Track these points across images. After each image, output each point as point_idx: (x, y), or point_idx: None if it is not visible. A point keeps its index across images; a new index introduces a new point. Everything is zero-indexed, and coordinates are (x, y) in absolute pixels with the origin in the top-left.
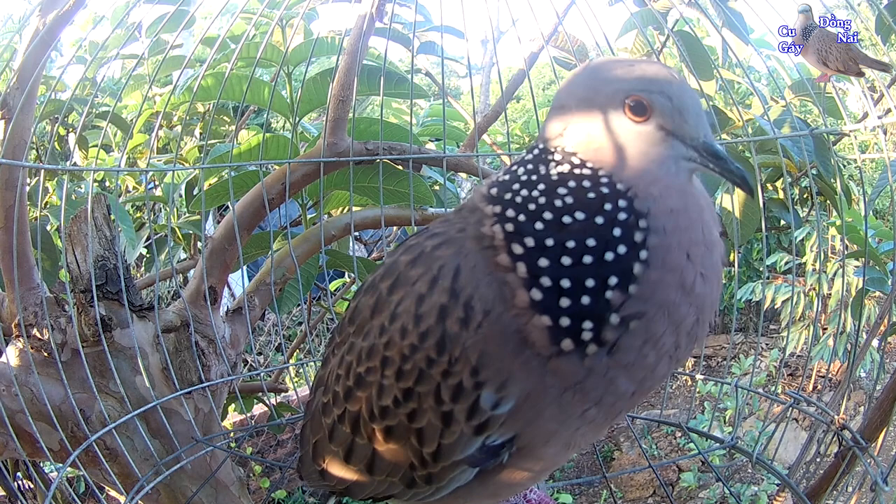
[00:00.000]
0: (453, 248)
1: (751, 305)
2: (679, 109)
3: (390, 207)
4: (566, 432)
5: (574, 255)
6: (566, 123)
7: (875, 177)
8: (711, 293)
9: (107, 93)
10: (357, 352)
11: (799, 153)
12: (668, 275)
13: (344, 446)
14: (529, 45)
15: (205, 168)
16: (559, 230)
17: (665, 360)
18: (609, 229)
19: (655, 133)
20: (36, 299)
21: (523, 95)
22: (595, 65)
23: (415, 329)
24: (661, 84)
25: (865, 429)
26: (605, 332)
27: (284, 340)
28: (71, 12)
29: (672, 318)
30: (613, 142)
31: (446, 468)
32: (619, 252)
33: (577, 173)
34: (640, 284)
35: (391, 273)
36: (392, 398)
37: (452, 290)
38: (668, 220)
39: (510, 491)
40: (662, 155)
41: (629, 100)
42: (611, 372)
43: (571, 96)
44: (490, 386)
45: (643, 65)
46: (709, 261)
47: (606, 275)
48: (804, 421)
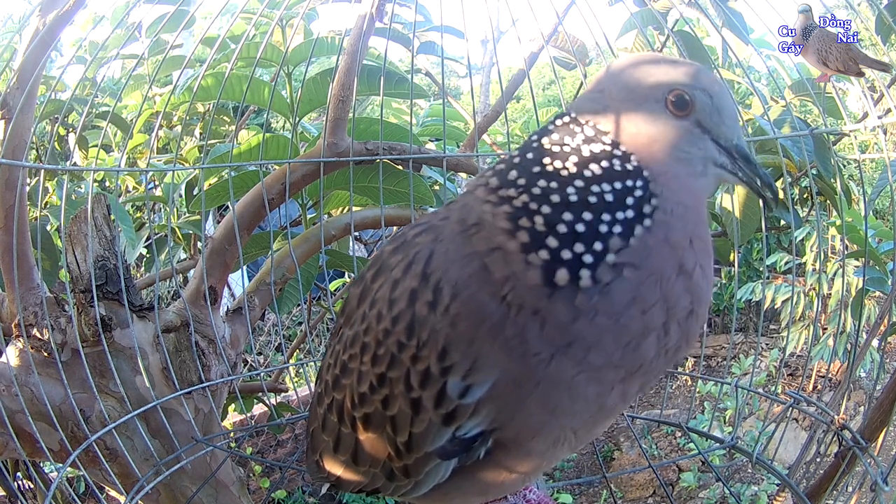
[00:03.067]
0: (432, 234)
1: (751, 305)
2: (718, 109)
3: (390, 207)
4: (555, 423)
5: (593, 210)
6: (604, 106)
7: (875, 177)
8: (707, 291)
9: (107, 93)
10: (344, 341)
11: (799, 153)
12: (667, 248)
13: (333, 436)
14: (529, 45)
15: (205, 168)
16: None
17: (653, 340)
18: (624, 195)
19: (692, 129)
20: (36, 299)
21: (523, 95)
22: (640, 57)
23: (388, 314)
24: (704, 82)
25: (865, 429)
26: (601, 270)
27: (284, 340)
28: (71, 12)
29: (664, 292)
30: (649, 130)
31: (419, 460)
32: (628, 215)
33: (609, 151)
34: (639, 241)
35: (376, 263)
36: (368, 384)
37: (423, 273)
38: (676, 207)
39: (499, 490)
40: (693, 154)
41: (672, 94)
42: (598, 318)
43: (613, 82)
44: (457, 371)
45: (687, 63)
46: (706, 261)
47: (613, 224)
48: (804, 421)
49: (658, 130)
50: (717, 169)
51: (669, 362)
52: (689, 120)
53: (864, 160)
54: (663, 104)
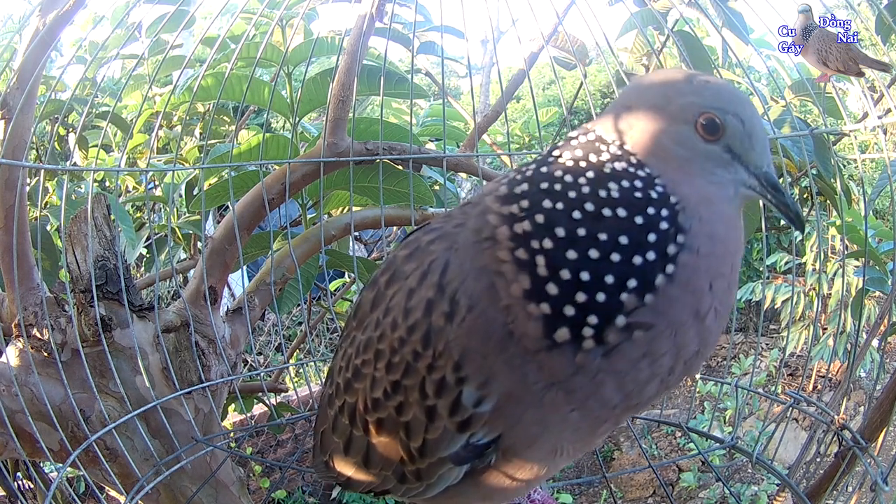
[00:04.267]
0: (447, 242)
1: (751, 305)
2: (749, 135)
3: (390, 207)
4: (549, 437)
5: (602, 250)
6: (630, 124)
7: (875, 177)
8: (718, 330)
9: (107, 93)
10: (357, 345)
11: (799, 153)
12: (688, 296)
13: (344, 438)
14: (529, 45)
15: (205, 168)
16: (595, 221)
17: (656, 382)
18: (645, 233)
19: (722, 154)
20: (36, 299)
21: (523, 95)
22: (669, 74)
23: (404, 322)
24: (736, 105)
25: (865, 429)
26: (608, 333)
27: (284, 340)
28: (71, 12)
29: (676, 342)
30: (678, 153)
31: (433, 464)
32: (648, 258)
33: (633, 172)
34: (657, 296)
35: (390, 268)
36: (382, 390)
37: (440, 284)
38: (705, 243)
39: (503, 495)
40: (725, 178)
41: (702, 117)
42: (600, 375)
43: (641, 99)
44: (472, 382)
45: (719, 83)
46: (726, 298)
47: (627, 276)
48: (804, 421)
49: (686, 154)
50: (746, 190)
51: (669, 390)
52: (718, 145)
53: (864, 160)
54: (692, 126)
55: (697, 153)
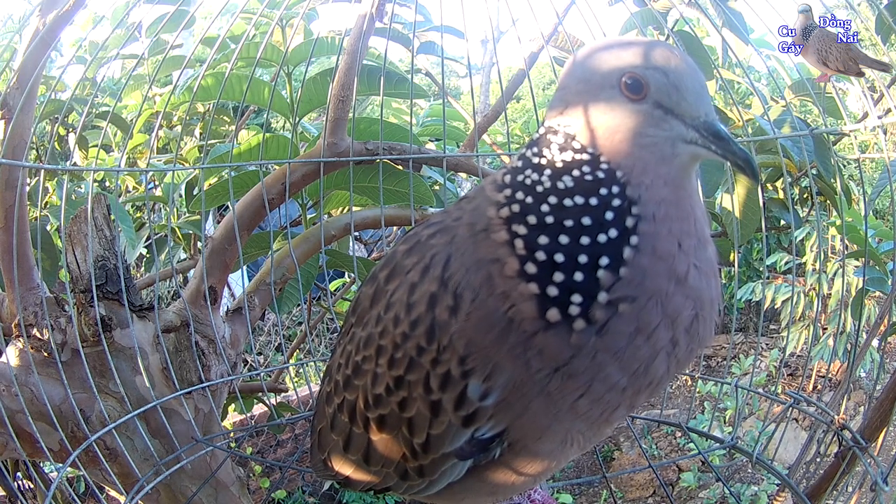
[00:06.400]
0: (447, 236)
1: (751, 305)
2: (676, 86)
3: (390, 207)
4: (559, 427)
5: (571, 234)
6: (566, 104)
7: (875, 177)
8: (709, 288)
9: (107, 93)
10: (356, 341)
11: (799, 153)
12: (659, 262)
13: (343, 435)
14: (529, 45)
15: (205, 168)
16: (560, 210)
17: (662, 357)
18: (602, 212)
19: (653, 112)
20: (36, 299)
21: (523, 95)
22: (593, 46)
23: (406, 317)
24: (657, 60)
25: (865, 429)
26: (594, 310)
27: (284, 340)
28: (71, 12)
29: (666, 310)
30: (610, 122)
31: (436, 460)
32: (611, 235)
33: (579, 159)
34: (630, 268)
35: (389, 263)
36: (384, 386)
37: (442, 278)
38: (657, 208)
39: (509, 490)
40: (658, 136)
41: (625, 77)
42: (599, 355)
43: (571, 77)
44: (477, 375)
45: (639, 43)
46: (702, 254)
47: (598, 254)
48: (804, 421)
49: (617, 119)
50: (687, 146)
51: (683, 366)
52: (646, 103)
53: (864, 160)
54: (618, 90)
55: (627, 116)
